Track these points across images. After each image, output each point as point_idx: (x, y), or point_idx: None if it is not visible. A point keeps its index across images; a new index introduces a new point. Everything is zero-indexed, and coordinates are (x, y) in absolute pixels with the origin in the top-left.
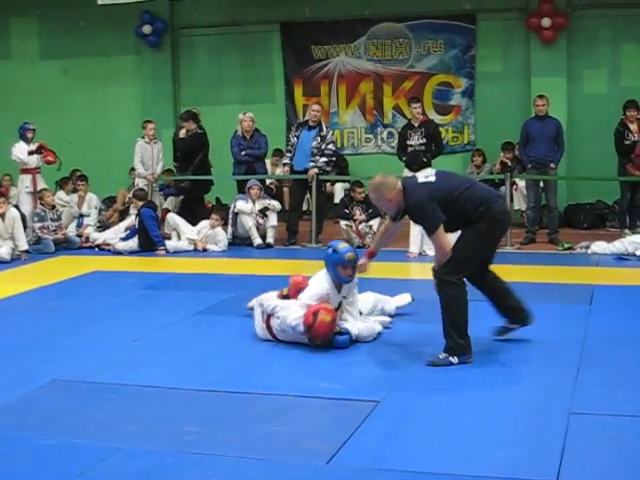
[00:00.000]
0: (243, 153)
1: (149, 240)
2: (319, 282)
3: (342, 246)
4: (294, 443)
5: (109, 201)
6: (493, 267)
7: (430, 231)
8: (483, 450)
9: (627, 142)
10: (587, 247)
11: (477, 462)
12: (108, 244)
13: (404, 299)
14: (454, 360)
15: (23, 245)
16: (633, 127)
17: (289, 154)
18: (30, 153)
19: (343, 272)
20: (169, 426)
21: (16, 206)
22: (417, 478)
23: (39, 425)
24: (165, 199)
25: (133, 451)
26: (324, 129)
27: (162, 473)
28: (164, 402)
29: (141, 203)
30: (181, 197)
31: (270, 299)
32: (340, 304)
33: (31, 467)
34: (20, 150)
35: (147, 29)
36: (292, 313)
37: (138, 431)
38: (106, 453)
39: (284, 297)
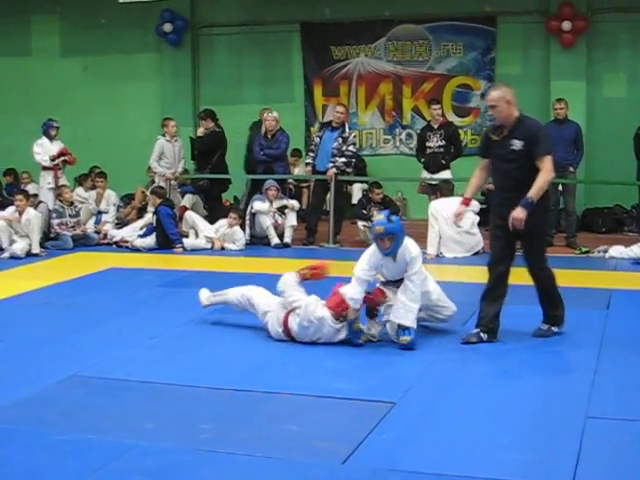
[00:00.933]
0: (262, 153)
1: (167, 238)
2: (369, 252)
3: (376, 219)
4: (310, 443)
5: (127, 198)
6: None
7: (546, 152)
8: (498, 453)
9: None
10: (605, 251)
11: (492, 465)
12: (126, 241)
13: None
14: (555, 329)
15: (35, 248)
16: None
17: (312, 154)
18: (52, 159)
19: (381, 244)
20: (185, 424)
21: (41, 202)
22: (432, 479)
23: (57, 420)
24: (182, 197)
25: (150, 448)
26: (347, 131)
27: (178, 470)
28: (180, 400)
29: (159, 200)
30: (197, 195)
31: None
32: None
33: (49, 462)
34: (43, 147)
35: (168, 27)
36: (317, 307)
37: (155, 428)
38: (123, 449)
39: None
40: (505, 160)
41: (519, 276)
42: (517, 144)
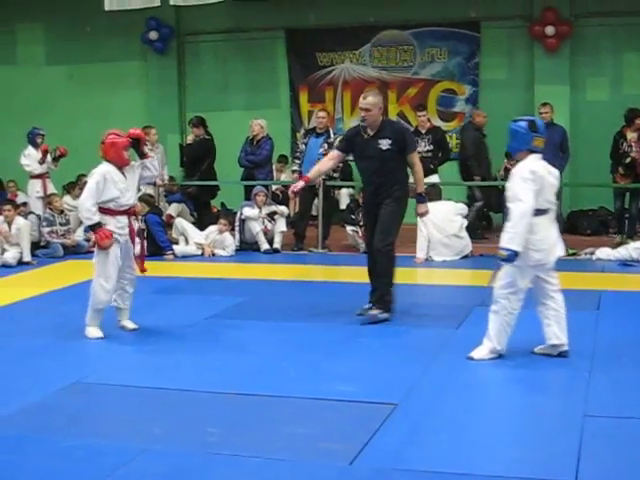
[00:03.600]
0: (246, 159)
1: (157, 245)
2: None
3: None
4: (316, 445)
5: None
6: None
7: (415, 149)
8: (501, 451)
9: (620, 151)
10: (592, 253)
11: (496, 462)
12: None
13: None
14: (384, 316)
15: (27, 256)
16: (631, 136)
17: (297, 161)
18: (41, 162)
19: None
20: (192, 428)
21: (31, 212)
22: (438, 478)
23: (63, 427)
24: (169, 205)
25: (159, 452)
26: (331, 136)
27: (189, 473)
28: (185, 404)
29: (147, 208)
30: (183, 204)
31: None
32: None
33: (58, 468)
34: (30, 157)
35: (153, 35)
36: None
37: (162, 433)
38: (132, 454)
39: None
40: (372, 158)
41: None
42: (385, 143)
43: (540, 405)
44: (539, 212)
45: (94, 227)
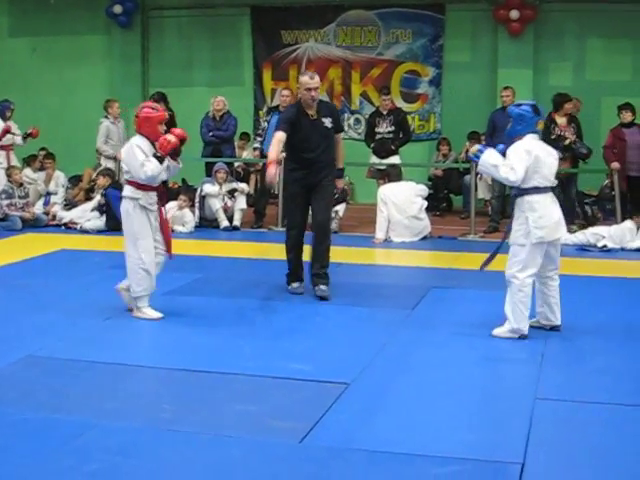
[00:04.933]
0: (210, 134)
1: (116, 220)
2: None
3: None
4: (267, 422)
5: (75, 180)
6: (452, 256)
7: (342, 130)
8: (452, 432)
9: (553, 136)
10: None
11: (446, 443)
12: (75, 223)
13: None
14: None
15: None
16: (561, 121)
17: (259, 138)
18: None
19: None
20: (146, 404)
21: None
22: (388, 458)
23: (15, 400)
24: None
25: (110, 427)
26: None
27: (140, 449)
28: (140, 380)
29: (109, 182)
30: None
31: None
32: None
33: (9, 441)
34: None
35: (117, 9)
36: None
37: (114, 408)
38: (84, 428)
39: None
40: (320, 137)
41: (476, 262)
42: (327, 122)
43: (493, 387)
44: (537, 190)
45: (161, 158)
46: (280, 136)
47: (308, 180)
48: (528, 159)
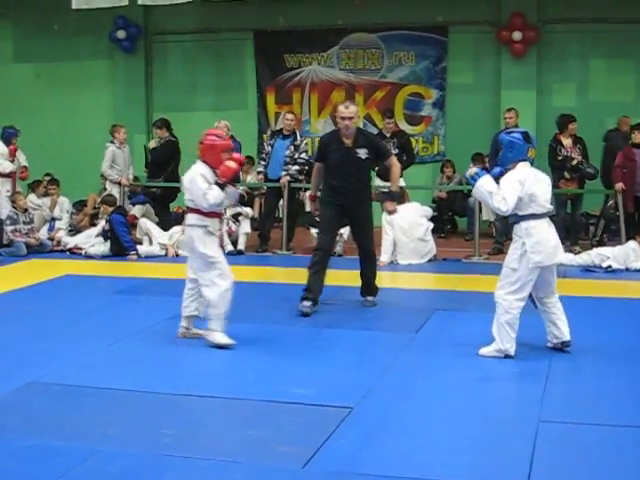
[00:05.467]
0: None
1: (120, 245)
2: None
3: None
4: (270, 447)
5: (80, 205)
6: (457, 278)
7: (390, 154)
8: (455, 456)
9: (560, 157)
10: None
11: (449, 468)
12: (80, 248)
13: None
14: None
15: None
16: (567, 142)
17: (263, 162)
18: (11, 161)
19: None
20: (147, 429)
21: None
22: None
23: (18, 427)
24: (132, 206)
25: (112, 453)
26: (298, 138)
27: (142, 475)
28: (142, 406)
29: (110, 209)
30: (147, 205)
31: None
32: None
33: (11, 468)
34: (3, 155)
35: (121, 34)
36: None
37: (116, 434)
38: (85, 455)
39: None
40: (351, 165)
41: (480, 284)
42: (362, 153)
43: (496, 410)
44: (534, 216)
45: (223, 185)
46: (317, 167)
47: (341, 205)
48: (520, 189)
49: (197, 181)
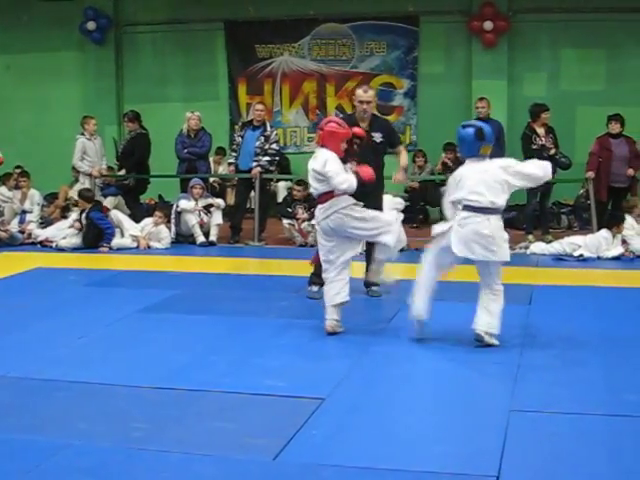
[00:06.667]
0: (185, 151)
1: (94, 237)
2: None
3: None
4: (240, 440)
5: (51, 197)
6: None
7: (400, 141)
8: (426, 446)
9: (534, 146)
10: (526, 247)
11: (420, 458)
12: (50, 241)
13: None
14: None
15: None
16: (540, 131)
17: (234, 154)
18: None
19: None
20: (118, 423)
21: None
22: (362, 474)
23: None
24: (105, 198)
25: (83, 447)
26: (268, 129)
27: (112, 469)
28: (112, 399)
29: (89, 205)
30: (119, 197)
31: None
32: None
33: None
34: None
35: (91, 25)
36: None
37: (87, 428)
38: (56, 449)
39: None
40: (367, 148)
41: (451, 273)
42: (378, 137)
43: (467, 400)
44: (465, 208)
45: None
46: None
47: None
48: (455, 186)
49: (331, 161)
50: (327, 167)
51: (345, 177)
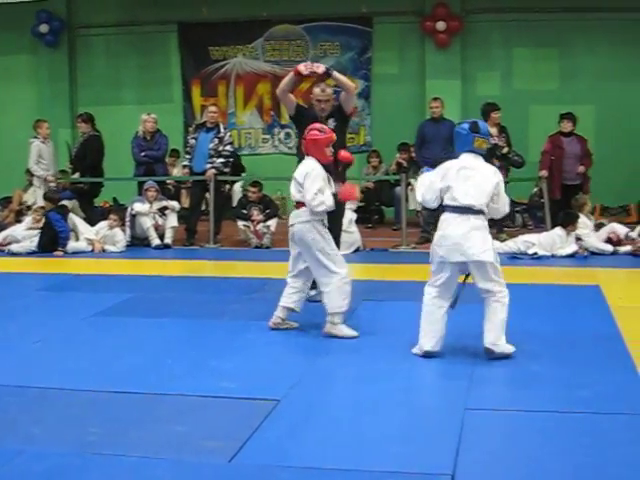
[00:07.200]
0: (142, 154)
1: (49, 240)
2: None
3: None
4: (196, 442)
5: (4, 202)
6: (384, 268)
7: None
8: (382, 446)
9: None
10: None
11: (377, 458)
12: (4, 245)
13: None
14: None
15: None
16: (493, 130)
17: (188, 156)
18: None
19: None
20: (72, 427)
21: None
22: (318, 474)
23: None
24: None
25: (37, 453)
26: (222, 130)
27: (67, 474)
28: (67, 404)
29: (52, 206)
30: (74, 200)
31: None
32: None
33: None
34: None
35: (44, 28)
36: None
37: (42, 433)
38: (10, 455)
39: None
40: None
41: (407, 273)
42: (331, 123)
43: (423, 399)
44: (447, 209)
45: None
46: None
47: None
48: (436, 181)
49: (313, 177)
50: (306, 184)
51: (321, 200)
